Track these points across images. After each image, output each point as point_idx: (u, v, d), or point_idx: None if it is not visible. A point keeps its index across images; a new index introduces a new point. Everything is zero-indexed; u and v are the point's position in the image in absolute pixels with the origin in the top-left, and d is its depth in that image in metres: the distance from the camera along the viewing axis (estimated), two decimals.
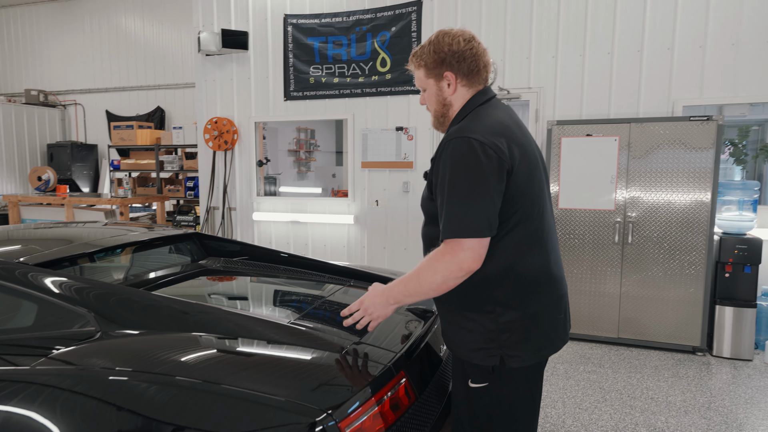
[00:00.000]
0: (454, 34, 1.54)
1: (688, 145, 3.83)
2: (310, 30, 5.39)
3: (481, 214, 1.39)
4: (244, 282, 2.50)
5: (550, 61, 4.66)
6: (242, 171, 5.87)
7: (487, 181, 1.39)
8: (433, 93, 1.59)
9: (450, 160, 1.43)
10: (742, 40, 4.18)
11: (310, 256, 2.71)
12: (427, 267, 1.45)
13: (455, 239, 1.40)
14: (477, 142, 1.41)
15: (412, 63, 1.62)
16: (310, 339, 1.65)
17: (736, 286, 3.82)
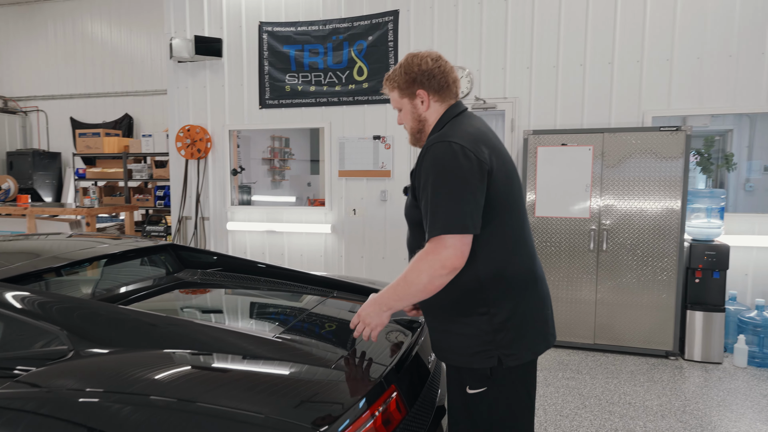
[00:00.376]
0: (422, 56, 1.64)
1: (658, 155, 3.94)
2: (286, 38, 5.35)
3: (462, 212, 1.43)
4: (223, 294, 2.42)
5: (525, 72, 4.75)
6: (216, 180, 5.75)
7: (468, 181, 1.45)
8: (408, 111, 1.68)
9: (432, 163, 1.49)
10: (706, 54, 4.34)
11: (287, 267, 2.65)
12: (412, 268, 1.48)
13: (438, 237, 1.44)
14: (457, 145, 1.48)
15: (386, 86, 1.72)
16: (295, 353, 1.60)
17: (705, 292, 3.94)
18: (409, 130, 1.71)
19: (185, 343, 1.64)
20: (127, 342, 1.67)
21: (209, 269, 2.72)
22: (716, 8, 4.28)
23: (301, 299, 2.31)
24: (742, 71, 4.27)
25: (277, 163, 7.98)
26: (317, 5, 5.27)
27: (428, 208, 1.47)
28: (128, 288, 2.33)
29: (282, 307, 2.24)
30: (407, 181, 5.09)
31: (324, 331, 1.94)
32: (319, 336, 1.86)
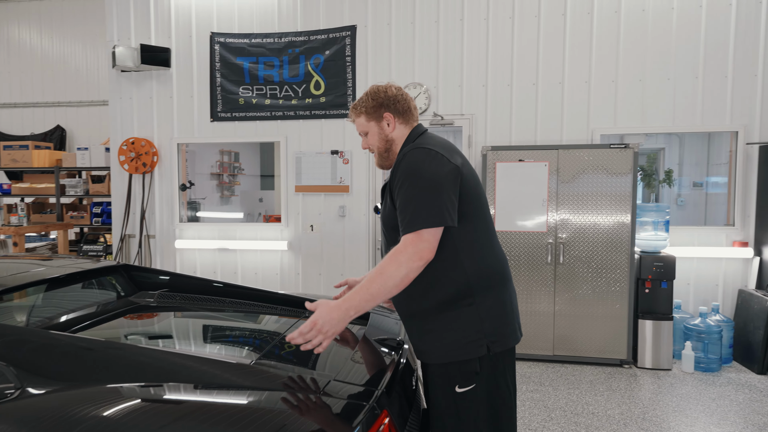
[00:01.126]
0: (386, 85, 1.83)
1: (609, 171, 4.12)
2: (240, 50, 5.19)
3: (438, 207, 1.57)
4: (187, 319, 2.25)
5: (481, 90, 4.86)
6: (163, 195, 5.44)
7: (443, 181, 1.60)
8: (375, 133, 1.81)
9: (408, 166, 1.63)
10: (647, 76, 4.62)
11: (253, 286, 2.51)
12: (390, 261, 1.55)
13: (416, 232, 1.56)
14: (433, 151, 1.64)
15: (353, 114, 1.85)
16: (277, 380, 1.49)
17: (655, 301, 4.13)
18: (377, 151, 1.83)
19: (154, 374, 1.48)
20: (85, 375, 1.49)
21: (166, 291, 2.53)
22: (655, 34, 4.58)
23: (274, 322, 2.18)
24: (680, 93, 4.58)
25: (227, 178, 7.70)
26: (272, 18, 5.16)
27: (405, 206, 1.59)
28: (76, 315, 2.11)
29: (255, 330, 2.11)
30: (366, 196, 5.04)
31: (303, 355, 1.83)
32: (300, 360, 1.75)
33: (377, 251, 5.08)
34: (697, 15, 4.54)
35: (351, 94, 5.03)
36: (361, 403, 1.43)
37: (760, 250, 4.37)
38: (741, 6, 4.46)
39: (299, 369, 1.65)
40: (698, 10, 4.54)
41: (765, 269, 4.31)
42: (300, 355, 1.78)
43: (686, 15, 4.54)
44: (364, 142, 1.86)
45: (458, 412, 1.65)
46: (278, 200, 5.58)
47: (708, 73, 4.54)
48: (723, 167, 7.00)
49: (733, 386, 3.75)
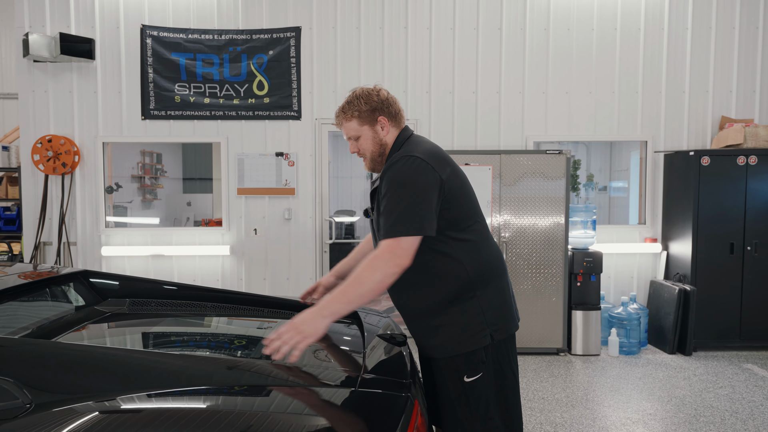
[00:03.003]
0: (377, 88, 1.84)
1: (545, 175, 4.47)
2: (176, 45, 4.92)
3: (418, 216, 1.63)
4: (179, 325, 2.13)
5: (425, 96, 5.04)
6: (85, 199, 4.99)
7: (425, 190, 1.65)
8: (369, 137, 1.82)
9: (394, 175, 1.68)
10: (572, 90, 5.08)
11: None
12: (367, 267, 1.61)
13: (395, 239, 1.61)
14: (419, 159, 1.69)
15: (341, 117, 1.83)
16: (314, 377, 1.49)
17: (585, 293, 4.55)
18: (370, 155, 1.84)
19: (187, 379, 1.41)
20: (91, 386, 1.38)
21: (138, 298, 2.36)
22: (579, 52, 5.05)
23: (271, 324, 2.13)
24: (599, 106, 5.09)
25: (149, 181, 7.21)
26: (210, 13, 4.96)
27: (387, 213, 1.65)
28: (43, 328, 1.92)
29: (257, 333, 2.05)
30: (312, 199, 5.01)
31: (323, 352, 1.82)
32: (324, 358, 1.75)
33: (324, 254, 5.07)
34: (613, 37, 5.07)
35: (296, 95, 4.98)
36: (400, 394, 1.47)
37: (667, 245, 4.98)
38: (648, 30, 5.06)
39: (329, 365, 1.65)
40: (613, 33, 5.08)
41: (671, 261, 4.91)
42: (321, 354, 1.78)
43: (604, 36, 5.06)
44: (353, 147, 1.85)
45: (468, 401, 1.72)
46: (217, 203, 5.35)
47: (622, 89, 5.09)
48: (624, 173, 7.84)
49: (653, 366, 4.25)
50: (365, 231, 8.12)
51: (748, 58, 5.08)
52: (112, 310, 2.23)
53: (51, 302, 2.28)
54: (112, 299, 2.34)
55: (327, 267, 5.08)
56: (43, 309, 2.18)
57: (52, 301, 2.29)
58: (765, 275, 4.55)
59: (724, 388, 3.75)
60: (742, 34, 5.07)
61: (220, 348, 1.89)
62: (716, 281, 4.57)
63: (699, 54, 5.08)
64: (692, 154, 4.61)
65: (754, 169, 4.55)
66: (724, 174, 4.56)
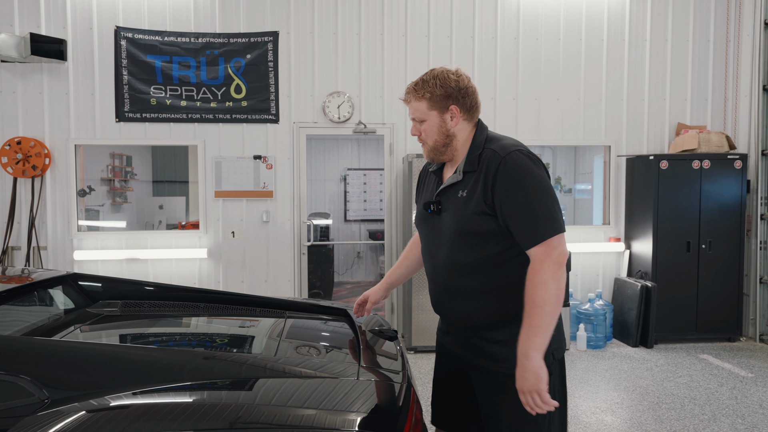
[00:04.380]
0: (458, 72, 1.67)
1: None
2: (151, 47, 4.90)
3: (557, 213, 1.53)
4: (180, 326, 2.17)
5: (401, 101, 5.16)
6: (57, 202, 4.90)
7: (549, 185, 1.56)
8: (435, 124, 1.66)
9: (516, 173, 1.53)
10: (541, 96, 5.32)
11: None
12: (536, 287, 1.47)
13: (545, 242, 1.49)
14: (532, 155, 1.59)
15: (412, 95, 1.68)
16: (318, 369, 1.58)
17: None
18: (433, 144, 1.68)
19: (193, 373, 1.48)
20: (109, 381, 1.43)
21: (130, 300, 2.38)
22: (546, 60, 5.29)
23: (265, 323, 2.20)
24: (566, 112, 5.34)
25: (119, 184, 7.08)
26: (187, 16, 4.96)
27: (526, 216, 1.51)
28: (39, 331, 1.94)
29: (259, 331, 2.12)
30: (290, 201, 5.06)
31: (319, 349, 1.91)
32: (322, 353, 1.83)
33: (302, 256, 5.13)
34: (578, 47, 5.34)
35: (274, 99, 5.03)
36: (399, 383, 1.58)
37: (630, 244, 5.27)
38: (610, 41, 5.35)
39: (327, 359, 1.74)
40: (578, 43, 5.34)
41: (634, 260, 5.20)
42: (311, 349, 1.86)
43: (570, 46, 5.32)
44: (415, 129, 1.69)
45: (535, 418, 1.55)
46: (193, 206, 5.33)
47: (587, 97, 5.36)
48: (588, 176, 8.20)
49: (618, 359, 4.50)
50: (340, 234, 8.20)
51: (700, 69, 5.44)
52: (103, 312, 2.26)
53: (39, 306, 2.29)
54: (102, 301, 2.37)
55: (305, 269, 5.13)
56: (34, 312, 2.19)
57: (40, 305, 2.30)
58: (718, 272, 4.88)
59: (683, 377, 4.02)
60: (695, 46, 5.42)
61: (212, 346, 1.96)
62: (675, 278, 4.87)
63: (657, 64, 5.40)
64: (652, 158, 4.91)
65: (708, 172, 4.88)
66: (681, 177, 4.88)
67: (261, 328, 2.17)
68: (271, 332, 2.07)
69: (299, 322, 2.22)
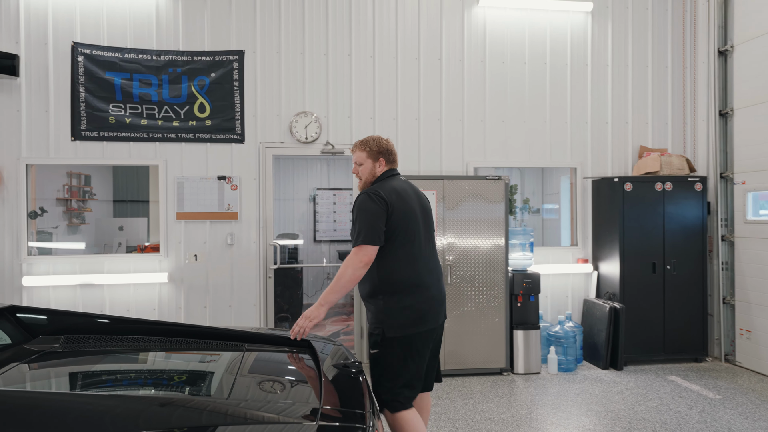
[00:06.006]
0: (387, 140, 2.67)
1: (486, 199, 4.66)
2: (110, 64, 4.73)
3: (373, 232, 2.38)
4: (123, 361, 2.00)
5: (369, 122, 5.13)
6: (5, 225, 4.61)
7: (376, 214, 2.40)
8: (368, 168, 2.63)
9: (359, 204, 2.46)
10: (508, 119, 5.36)
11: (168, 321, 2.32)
12: (344, 266, 2.38)
13: (360, 246, 2.38)
14: (375, 194, 2.45)
15: (358, 148, 2.63)
16: (274, 412, 1.45)
17: (525, 313, 4.73)
18: (365, 179, 2.64)
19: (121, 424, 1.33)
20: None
21: (73, 334, 2.20)
22: (513, 83, 5.36)
23: (222, 358, 2.05)
24: (533, 134, 5.39)
25: (75, 204, 6.77)
26: (149, 34, 4.82)
27: (355, 229, 2.42)
28: None
29: (216, 368, 1.97)
30: (256, 223, 4.91)
31: (279, 385, 1.78)
32: (280, 391, 1.70)
33: (268, 279, 4.95)
34: (543, 71, 5.43)
35: (239, 118, 4.91)
36: (361, 426, 1.47)
37: (598, 265, 5.30)
38: (574, 65, 5.47)
39: (286, 398, 1.61)
40: (543, 67, 5.43)
41: (602, 281, 5.23)
42: (258, 387, 1.73)
43: (535, 71, 5.41)
44: (356, 169, 2.65)
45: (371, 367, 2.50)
46: (153, 228, 5.11)
47: (553, 119, 5.44)
48: (555, 197, 8.29)
49: (589, 382, 4.46)
50: (309, 255, 8.02)
51: (660, 93, 5.60)
52: (43, 348, 2.07)
53: None
54: (43, 336, 2.18)
55: (272, 293, 4.96)
56: None
57: None
58: (682, 292, 4.95)
59: (653, 401, 4.01)
60: (654, 71, 5.59)
61: (164, 385, 1.80)
62: (642, 298, 4.91)
63: (618, 88, 5.53)
64: (617, 180, 4.98)
65: (670, 194, 4.98)
66: (644, 199, 4.96)
67: (217, 365, 2.02)
68: (227, 369, 1.93)
69: (259, 356, 2.08)
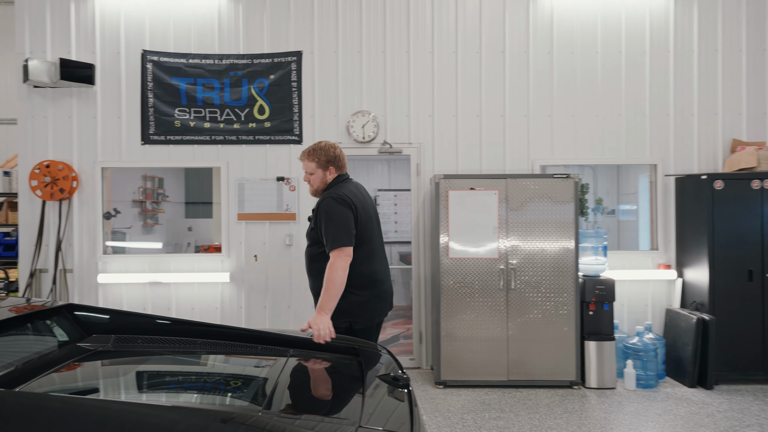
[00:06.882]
0: (335, 145, 2.76)
1: (553, 199, 4.34)
2: (176, 70, 4.89)
3: (348, 235, 2.53)
4: (165, 365, 1.97)
5: (428, 120, 4.95)
6: (83, 225, 4.89)
7: (346, 217, 2.55)
8: (319, 177, 2.74)
9: (327, 208, 2.57)
10: (578, 113, 4.99)
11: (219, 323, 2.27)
12: (331, 272, 2.46)
13: (339, 249, 2.49)
14: (340, 198, 2.59)
15: (307, 158, 2.72)
16: (313, 429, 1.32)
17: (598, 323, 4.35)
18: (316, 187, 2.75)
19: None
20: None
21: (124, 334, 2.21)
22: (583, 75, 4.97)
23: (259, 364, 1.97)
24: (606, 129, 4.98)
25: (150, 206, 7.12)
26: (211, 38, 4.94)
27: (329, 234, 2.52)
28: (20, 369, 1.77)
29: (244, 375, 1.89)
30: None
31: (306, 399, 1.66)
32: (307, 407, 1.58)
33: None
34: (617, 60, 5.00)
35: (297, 119, 4.91)
36: None
37: (682, 272, 4.79)
38: (653, 54, 4.99)
39: (316, 418, 1.49)
40: (618, 56, 5.01)
41: (687, 289, 4.72)
42: (304, 399, 1.61)
43: (609, 59, 4.99)
44: (307, 177, 2.75)
45: None
46: (217, 229, 5.23)
47: (629, 112, 4.99)
48: (632, 197, 7.69)
49: (673, 401, 4.01)
50: None
51: (756, 81, 4.99)
52: (95, 347, 2.09)
53: (34, 338, 2.14)
54: (96, 335, 2.20)
55: None
56: (23, 347, 2.03)
57: (35, 336, 2.14)
58: None
59: (752, 427, 3.52)
60: (750, 56, 4.99)
61: (211, 391, 1.73)
62: (736, 310, 4.37)
63: (706, 76, 4.99)
64: (705, 177, 4.47)
65: None
66: (739, 198, 4.41)
67: (259, 371, 1.93)
68: (268, 377, 1.83)
69: (303, 364, 1.98)
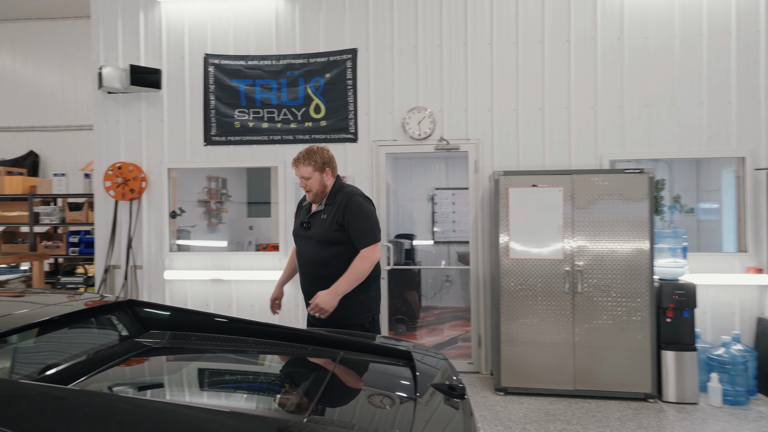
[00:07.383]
0: (326, 147, 2.82)
1: (624, 196, 4.02)
2: (236, 72, 4.99)
3: (378, 231, 2.73)
4: (214, 364, 1.96)
5: (486, 115, 4.75)
6: (151, 223, 5.11)
7: (374, 214, 2.75)
8: (317, 180, 2.76)
9: (357, 208, 2.69)
10: (652, 102, 4.60)
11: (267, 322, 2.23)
12: (361, 263, 2.62)
13: (372, 245, 2.65)
14: (365, 196, 2.80)
15: (303, 164, 2.73)
16: None
17: (677, 331, 3.98)
18: (315, 191, 2.77)
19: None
20: None
21: (180, 330, 2.22)
22: (659, 61, 4.58)
23: (308, 365, 1.91)
24: (685, 119, 4.56)
25: (214, 205, 7.38)
26: (269, 40, 5.00)
27: (365, 231, 2.66)
28: (78, 362, 1.81)
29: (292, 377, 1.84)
30: None
31: (356, 405, 1.57)
32: (357, 413, 1.49)
33: (382, 281, 4.82)
34: (699, 43, 4.57)
35: (353, 117, 4.87)
36: None
37: None
38: (741, 34, 4.51)
39: (364, 427, 1.39)
40: (699, 38, 4.57)
41: None
42: (353, 405, 1.52)
43: (688, 42, 4.57)
44: (303, 183, 2.76)
45: None
46: (275, 227, 5.30)
47: (712, 100, 4.54)
48: (714, 194, 7.05)
49: (767, 421, 3.59)
50: (426, 255, 7.83)
51: None
52: (151, 343, 2.11)
53: (98, 332, 2.19)
54: (153, 331, 2.23)
55: (386, 293, 4.83)
56: (84, 340, 2.09)
57: (99, 330, 2.20)
58: None
59: None
60: None
61: (259, 392, 1.69)
62: None
63: None
64: None
65: None
66: None
67: (308, 373, 1.87)
68: (316, 380, 1.76)
69: (352, 368, 1.89)
